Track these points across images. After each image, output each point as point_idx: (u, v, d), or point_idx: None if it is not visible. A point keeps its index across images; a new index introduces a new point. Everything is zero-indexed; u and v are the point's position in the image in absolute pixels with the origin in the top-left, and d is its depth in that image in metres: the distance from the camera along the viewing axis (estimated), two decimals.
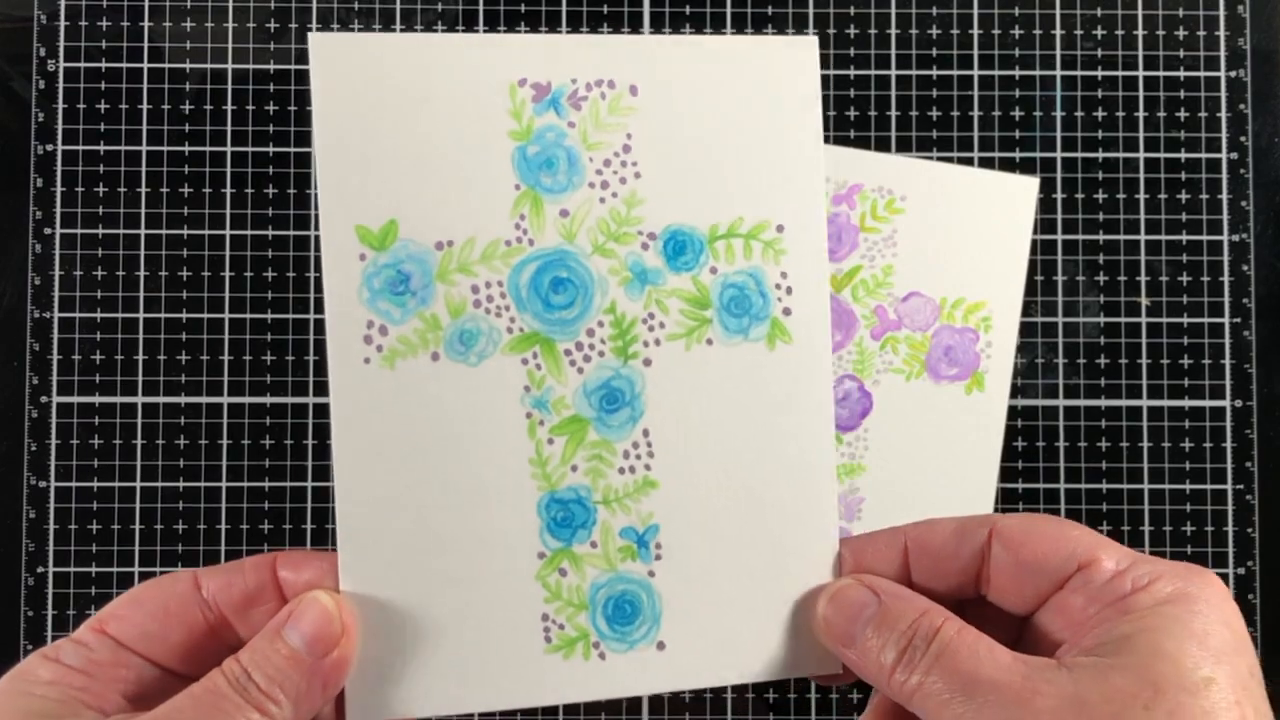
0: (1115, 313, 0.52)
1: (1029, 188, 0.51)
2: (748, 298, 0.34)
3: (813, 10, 0.52)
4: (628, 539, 0.33)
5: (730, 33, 0.52)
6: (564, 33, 0.52)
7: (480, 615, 0.32)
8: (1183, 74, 0.53)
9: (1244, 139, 0.52)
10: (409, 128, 0.32)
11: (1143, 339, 0.52)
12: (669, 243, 0.33)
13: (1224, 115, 0.53)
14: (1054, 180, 0.52)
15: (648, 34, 0.52)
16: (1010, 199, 0.51)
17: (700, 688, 0.33)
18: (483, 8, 0.52)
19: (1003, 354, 0.50)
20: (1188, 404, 0.52)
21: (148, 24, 0.52)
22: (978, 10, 0.53)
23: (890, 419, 0.50)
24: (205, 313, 0.51)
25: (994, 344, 0.50)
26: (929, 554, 0.32)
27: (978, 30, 0.53)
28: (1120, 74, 0.53)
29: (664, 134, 0.33)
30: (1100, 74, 0.53)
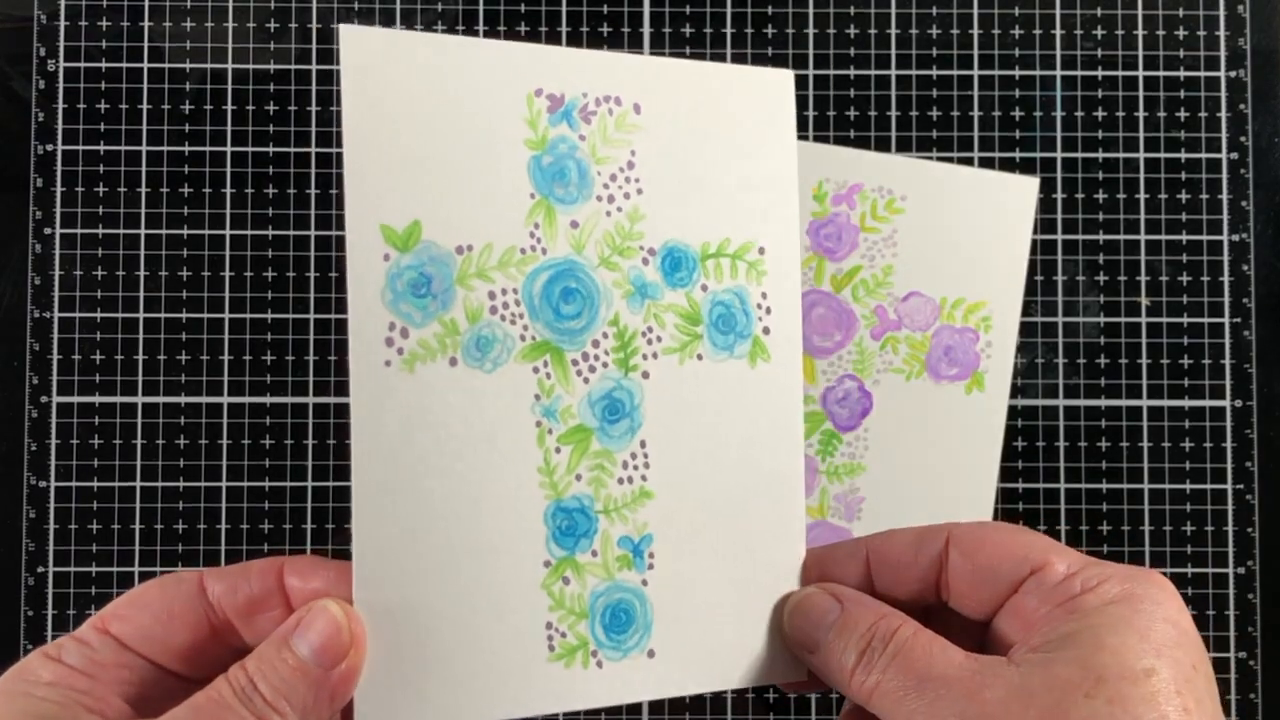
0: (1115, 313, 0.52)
1: (1029, 188, 0.51)
2: (733, 315, 0.34)
3: (813, 10, 0.52)
4: (624, 548, 0.33)
5: (730, 32, 0.52)
6: (564, 32, 0.52)
7: (487, 624, 0.32)
8: (1183, 74, 0.53)
9: (1244, 139, 0.52)
10: (434, 128, 0.31)
11: (1143, 339, 0.52)
12: (666, 258, 0.34)
13: (1224, 115, 0.53)
14: (1054, 180, 0.52)
15: (647, 32, 0.52)
16: (1010, 199, 0.51)
17: (683, 695, 0.34)
18: (482, 7, 0.52)
19: (1003, 354, 0.50)
20: (1188, 404, 0.52)
21: (148, 24, 0.52)
22: (978, 10, 0.53)
23: (890, 419, 0.50)
24: (205, 313, 0.51)
25: (994, 344, 0.50)
26: (888, 563, 0.33)
27: (978, 30, 0.53)
28: (1120, 74, 0.53)
29: (664, 152, 0.34)
30: (1100, 74, 0.53)
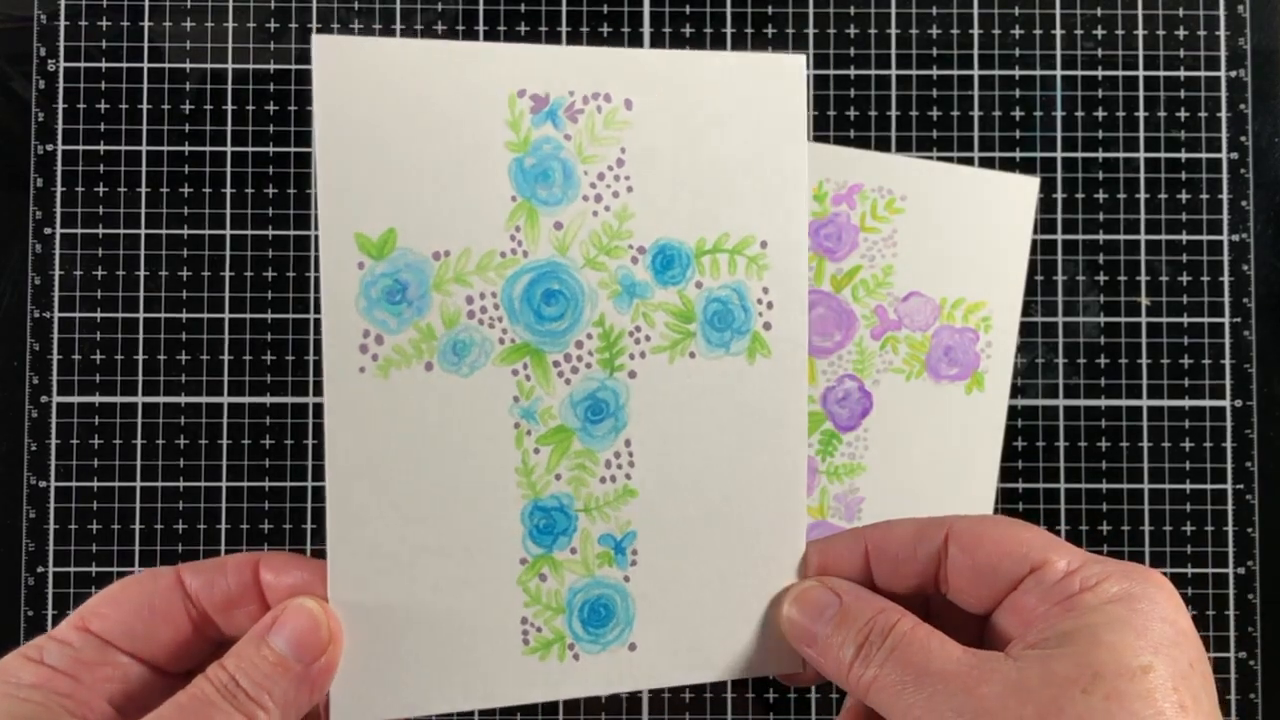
0: (1115, 313, 0.52)
1: (1029, 188, 0.51)
2: (731, 312, 0.34)
3: (813, 10, 0.52)
4: (606, 545, 0.34)
5: (730, 32, 0.52)
6: (564, 32, 0.52)
7: (462, 619, 0.32)
8: (1183, 74, 0.53)
9: (1244, 139, 0.52)
10: (409, 135, 0.32)
11: (1143, 339, 0.52)
12: (657, 257, 0.34)
13: (1224, 115, 0.52)
14: (1054, 180, 0.52)
15: (647, 32, 0.52)
16: (1010, 199, 0.51)
17: (668, 686, 0.34)
18: (483, 7, 0.52)
19: (1003, 354, 0.50)
20: (1188, 404, 0.52)
21: (148, 24, 0.52)
22: (978, 10, 0.53)
23: (890, 419, 0.50)
24: (205, 313, 0.51)
25: (994, 344, 0.50)
26: (888, 556, 0.33)
27: (978, 30, 0.53)
28: (1120, 74, 0.53)
29: (656, 148, 0.33)
30: (1100, 74, 0.53)
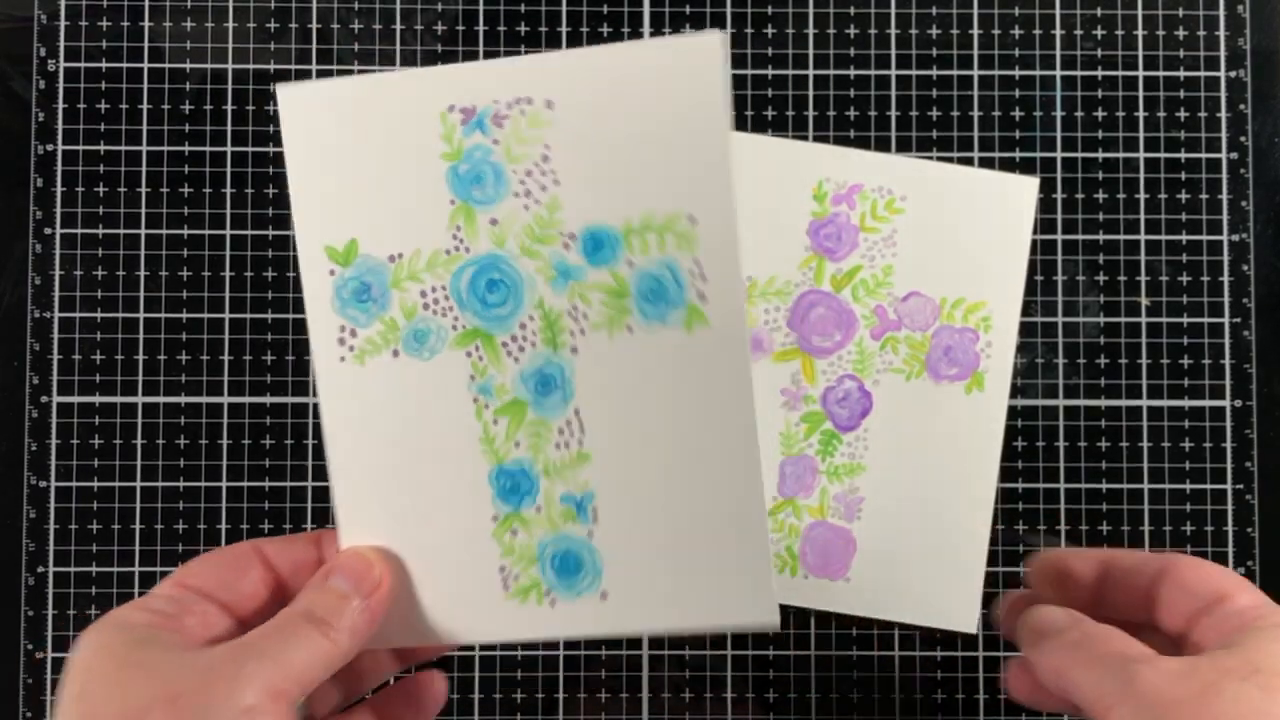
0: (1115, 313, 0.52)
1: (1029, 188, 0.51)
2: (663, 286, 0.36)
3: (813, 10, 0.52)
4: (568, 504, 0.37)
5: (730, 32, 0.52)
6: (564, 33, 0.52)
7: (450, 567, 0.37)
8: (1183, 74, 0.53)
9: (1244, 139, 0.52)
10: (362, 157, 0.37)
11: (1143, 339, 0.52)
12: (587, 241, 0.37)
13: (1224, 115, 0.53)
14: (1054, 180, 0.52)
15: (648, 33, 0.52)
16: (1010, 199, 0.51)
17: (643, 631, 0.39)
18: (483, 7, 0.52)
19: (1003, 354, 0.50)
20: (1187, 404, 0.52)
21: (148, 24, 0.52)
22: (978, 10, 0.53)
23: (890, 419, 0.50)
24: (205, 313, 0.51)
25: (994, 344, 0.50)
26: (1122, 585, 0.38)
27: (978, 30, 0.53)
28: (1120, 74, 0.53)
29: (579, 141, 0.36)
30: (1100, 74, 0.53)
